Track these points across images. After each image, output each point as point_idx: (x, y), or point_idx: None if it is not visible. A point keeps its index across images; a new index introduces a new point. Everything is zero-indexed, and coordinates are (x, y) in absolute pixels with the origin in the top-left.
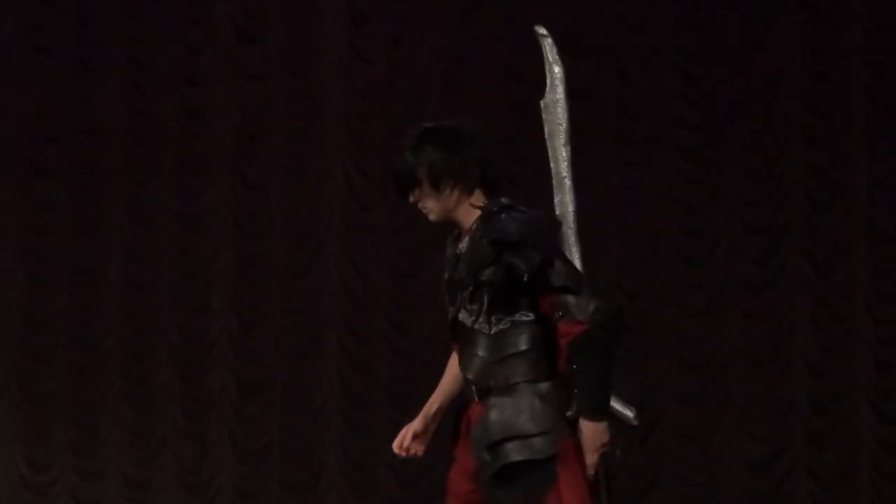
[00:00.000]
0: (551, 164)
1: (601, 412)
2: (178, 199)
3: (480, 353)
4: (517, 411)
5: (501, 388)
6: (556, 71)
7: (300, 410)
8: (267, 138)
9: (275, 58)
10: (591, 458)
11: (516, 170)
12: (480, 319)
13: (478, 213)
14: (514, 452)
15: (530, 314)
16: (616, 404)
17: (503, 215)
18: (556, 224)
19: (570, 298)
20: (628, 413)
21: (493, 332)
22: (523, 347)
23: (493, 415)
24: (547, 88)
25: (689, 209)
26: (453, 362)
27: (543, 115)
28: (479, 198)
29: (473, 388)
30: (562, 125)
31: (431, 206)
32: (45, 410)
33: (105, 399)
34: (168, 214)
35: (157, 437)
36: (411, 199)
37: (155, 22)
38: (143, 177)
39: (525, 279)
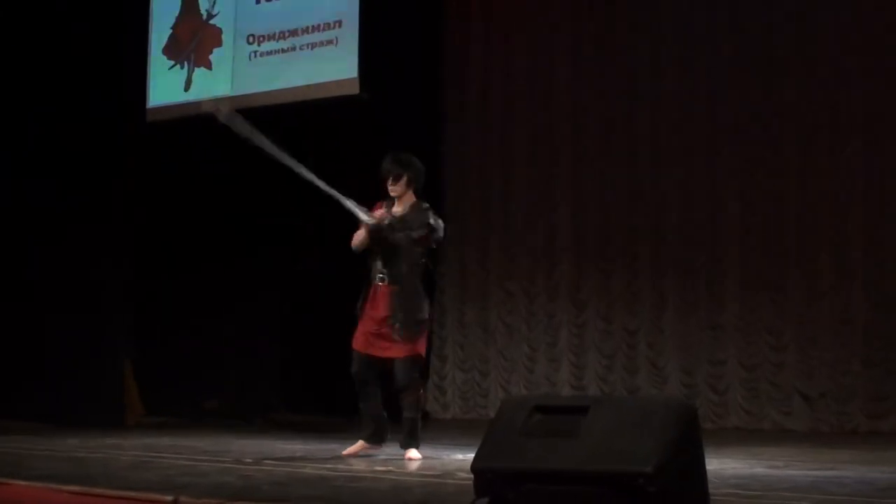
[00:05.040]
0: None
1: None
2: None
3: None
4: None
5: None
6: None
7: None
8: None
9: None
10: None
11: None
12: (406, 245)
13: (413, 200)
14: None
15: (420, 249)
16: None
17: (430, 210)
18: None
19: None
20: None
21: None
22: (414, 262)
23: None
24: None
25: None
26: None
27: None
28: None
29: (386, 276)
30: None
31: (400, 190)
32: None
33: None
34: None
35: None
36: (390, 183)
37: None
38: None
39: (426, 238)
